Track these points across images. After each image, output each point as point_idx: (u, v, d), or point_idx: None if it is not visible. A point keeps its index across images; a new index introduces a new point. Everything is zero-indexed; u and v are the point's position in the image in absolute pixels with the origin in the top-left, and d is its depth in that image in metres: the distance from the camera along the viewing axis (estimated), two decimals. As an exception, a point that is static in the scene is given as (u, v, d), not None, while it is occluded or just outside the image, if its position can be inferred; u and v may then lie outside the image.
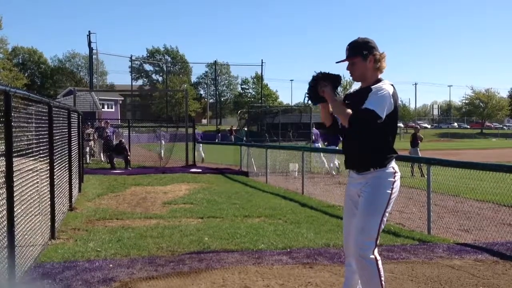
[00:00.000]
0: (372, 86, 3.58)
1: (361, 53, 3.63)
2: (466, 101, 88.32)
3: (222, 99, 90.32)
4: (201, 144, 23.58)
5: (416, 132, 17.73)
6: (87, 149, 20.81)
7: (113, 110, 63.55)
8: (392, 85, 3.64)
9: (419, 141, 17.53)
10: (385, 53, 3.69)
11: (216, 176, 16.22)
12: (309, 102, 3.89)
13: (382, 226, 3.60)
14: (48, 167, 6.60)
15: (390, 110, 3.56)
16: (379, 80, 3.65)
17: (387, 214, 3.61)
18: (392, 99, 3.56)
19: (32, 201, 5.55)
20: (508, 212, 8.79)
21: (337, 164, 16.34)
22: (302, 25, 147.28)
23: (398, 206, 9.61)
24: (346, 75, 4.15)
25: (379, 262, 3.58)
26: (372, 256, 3.54)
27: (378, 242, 3.60)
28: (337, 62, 3.76)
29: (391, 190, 3.59)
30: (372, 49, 3.63)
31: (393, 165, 3.67)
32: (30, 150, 5.67)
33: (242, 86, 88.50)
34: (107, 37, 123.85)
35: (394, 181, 3.62)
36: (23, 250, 4.94)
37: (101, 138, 21.54)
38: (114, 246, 6.31)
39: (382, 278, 3.56)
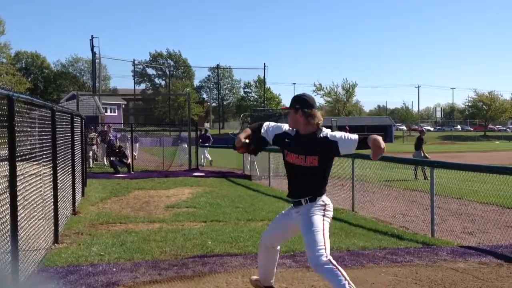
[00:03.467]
0: (328, 134, 4.12)
1: (294, 106, 4.20)
2: (469, 104, 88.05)
3: (224, 103, 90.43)
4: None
5: (421, 136, 17.68)
6: (90, 153, 20.83)
7: (116, 114, 63.64)
8: None
9: (423, 144, 17.44)
10: (315, 111, 4.17)
11: (219, 179, 16.21)
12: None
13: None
14: (51, 172, 6.61)
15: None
16: (320, 129, 4.16)
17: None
18: None
19: (35, 205, 5.56)
20: (512, 215, 8.75)
21: (208, 157, 22.90)
22: (305, 28, 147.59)
23: (401, 209, 9.60)
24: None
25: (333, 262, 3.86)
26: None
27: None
28: (282, 109, 4.28)
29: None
30: (306, 105, 4.15)
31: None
32: (33, 155, 5.68)
33: (245, 90, 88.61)
34: (110, 42, 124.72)
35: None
36: (26, 255, 4.95)
37: (104, 142, 21.57)
38: (118, 250, 6.31)
39: (343, 273, 3.81)
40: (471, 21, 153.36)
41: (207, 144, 23.36)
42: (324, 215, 4.11)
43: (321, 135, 4.15)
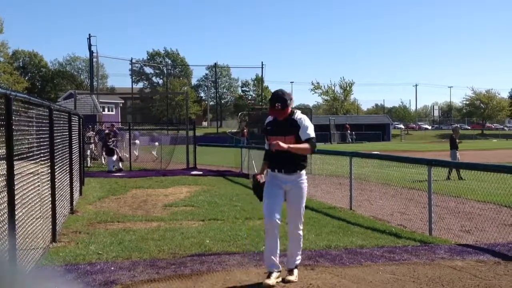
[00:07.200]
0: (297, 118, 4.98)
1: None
2: (467, 102, 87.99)
3: (222, 102, 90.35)
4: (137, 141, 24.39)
5: (453, 134, 17.40)
6: (88, 152, 20.81)
7: (113, 113, 63.54)
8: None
9: (457, 143, 17.14)
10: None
11: (217, 178, 16.22)
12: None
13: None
14: (49, 170, 6.61)
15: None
16: (293, 112, 5.03)
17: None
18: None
19: (33, 204, 5.55)
20: (510, 213, 8.77)
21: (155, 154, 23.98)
22: (302, 27, 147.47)
23: (399, 207, 9.61)
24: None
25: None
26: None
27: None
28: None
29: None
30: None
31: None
32: (31, 153, 5.67)
33: (243, 89, 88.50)
34: (108, 40, 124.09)
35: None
36: (24, 254, 4.94)
37: (102, 142, 21.51)
38: (116, 249, 6.31)
39: None
40: (468, 20, 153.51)
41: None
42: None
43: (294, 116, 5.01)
